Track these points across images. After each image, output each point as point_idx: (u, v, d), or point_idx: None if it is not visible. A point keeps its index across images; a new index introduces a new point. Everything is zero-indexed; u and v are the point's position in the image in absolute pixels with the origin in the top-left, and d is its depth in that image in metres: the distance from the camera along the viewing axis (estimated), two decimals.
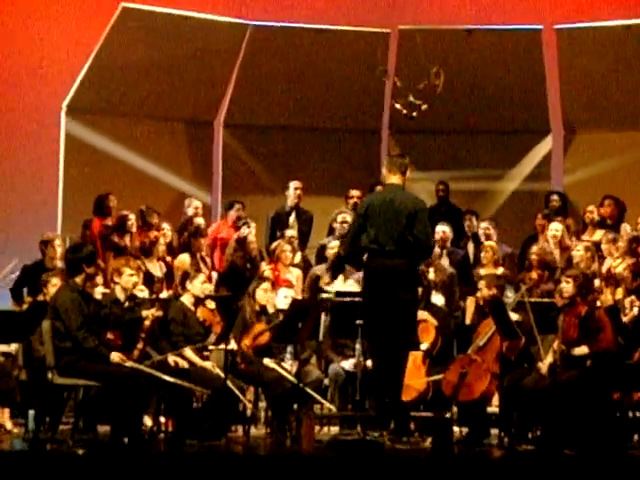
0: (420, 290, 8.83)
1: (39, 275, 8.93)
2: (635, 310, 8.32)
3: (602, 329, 7.89)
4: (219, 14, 12.19)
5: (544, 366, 7.99)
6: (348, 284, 9.31)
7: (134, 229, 10.14)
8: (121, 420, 7.50)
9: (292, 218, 10.98)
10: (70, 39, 11.53)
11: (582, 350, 7.91)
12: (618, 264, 9.33)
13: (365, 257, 7.60)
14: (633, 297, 8.38)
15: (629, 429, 8.00)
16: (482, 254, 9.89)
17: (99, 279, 8.85)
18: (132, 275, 8.22)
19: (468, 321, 9.18)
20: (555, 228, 10.10)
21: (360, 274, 8.08)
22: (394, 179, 7.66)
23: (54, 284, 8.48)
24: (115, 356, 7.66)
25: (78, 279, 7.75)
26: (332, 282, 8.84)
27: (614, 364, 7.70)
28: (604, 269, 9.39)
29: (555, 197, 11.22)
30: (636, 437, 8.04)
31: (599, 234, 10.29)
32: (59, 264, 9.33)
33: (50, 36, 11.49)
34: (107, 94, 11.92)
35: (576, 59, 12.29)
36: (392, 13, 12.36)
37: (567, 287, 8.14)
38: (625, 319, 8.25)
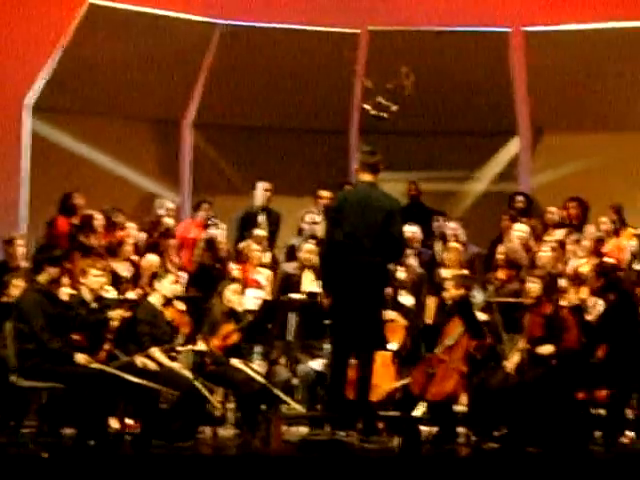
0: (390, 290, 8.87)
1: (2, 276, 8.84)
2: (599, 309, 8.38)
3: (567, 328, 7.97)
4: (187, 12, 12.15)
5: (510, 365, 8.05)
6: (319, 284, 9.27)
7: (101, 229, 10.08)
8: (86, 422, 7.46)
9: (261, 218, 10.96)
10: (32, 35, 11.39)
11: (547, 349, 7.98)
12: (583, 264, 9.41)
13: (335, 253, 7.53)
14: (596, 298, 8.44)
15: (592, 426, 8.06)
16: (445, 255, 9.92)
17: (65, 280, 8.78)
18: (98, 276, 8.18)
19: (429, 320, 9.19)
20: (520, 229, 10.16)
21: None
22: (366, 177, 7.63)
23: (16, 285, 8.39)
24: (81, 357, 7.62)
25: (42, 279, 7.71)
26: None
27: (578, 363, 7.75)
28: (568, 269, 9.46)
29: (520, 198, 11.27)
30: (598, 434, 8.11)
31: (559, 234, 10.37)
32: (22, 264, 9.25)
33: (11, 32, 11.37)
34: (74, 93, 11.83)
35: (543, 61, 12.35)
36: (361, 14, 12.37)
37: (533, 287, 8.21)
38: (589, 318, 8.31)
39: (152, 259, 9.63)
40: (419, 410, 8.34)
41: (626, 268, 9.35)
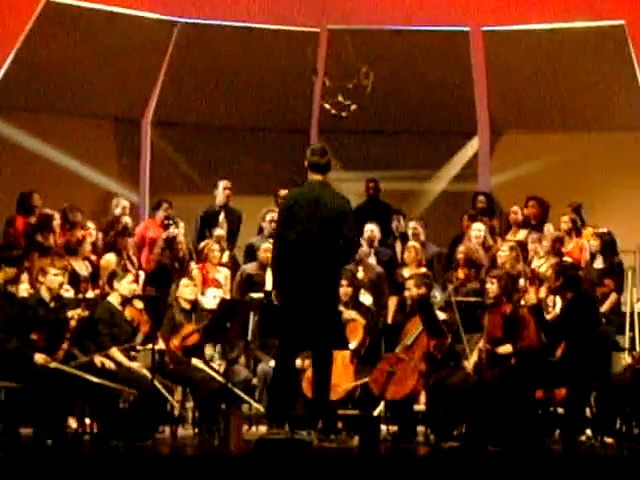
0: (350, 290, 8.88)
1: None
2: (558, 308, 8.43)
3: (525, 328, 8.00)
4: (146, 10, 12.10)
5: (469, 364, 8.09)
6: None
7: (59, 228, 10.01)
8: (45, 422, 7.41)
9: (221, 217, 10.94)
10: None
11: (506, 349, 8.03)
12: (542, 263, 9.47)
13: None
14: (554, 297, 8.48)
15: (551, 425, 8.11)
16: (405, 254, 9.95)
17: (24, 277, 8.71)
18: (57, 275, 8.12)
19: (390, 320, 9.23)
20: (477, 228, 10.21)
21: None
22: (317, 176, 7.57)
23: None
24: (39, 357, 7.60)
25: None
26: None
27: (537, 362, 7.79)
28: (534, 267, 9.52)
29: (481, 198, 11.33)
30: (557, 433, 8.16)
31: (522, 234, 10.45)
32: None
33: None
34: (31, 90, 11.74)
35: (503, 61, 12.43)
36: (321, 13, 12.38)
37: (492, 287, 8.25)
38: (548, 317, 8.35)
39: (110, 258, 9.60)
40: (378, 409, 8.37)
41: (586, 268, 9.41)
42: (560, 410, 8.11)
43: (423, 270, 9.71)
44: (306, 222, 7.35)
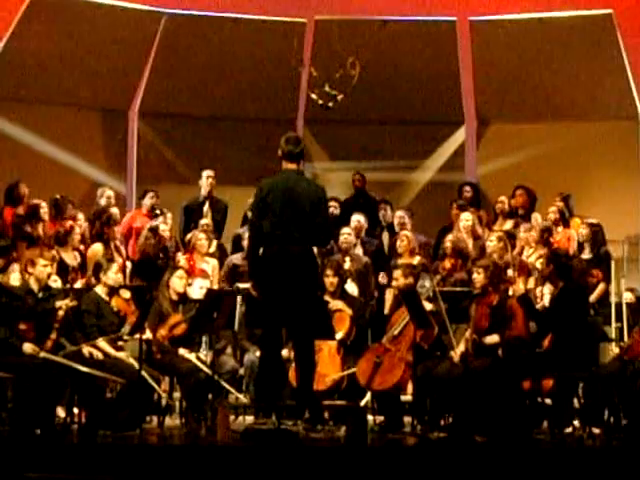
0: (336, 280, 8.89)
1: None
2: (546, 298, 8.46)
3: (513, 318, 8.01)
4: (133, 1, 12.08)
5: (456, 355, 8.10)
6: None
7: (47, 218, 10.00)
8: (33, 412, 7.41)
9: (206, 207, 10.93)
10: None
11: (493, 339, 8.04)
12: (531, 254, 9.50)
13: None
14: (547, 285, 8.49)
15: (539, 416, 8.14)
16: (398, 243, 9.94)
17: (16, 266, 8.69)
18: (46, 266, 8.14)
19: (387, 311, 9.20)
20: (466, 218, 10.23)
21: None
22: (291, 165, 7.54)
23: None
24: (28, 347, 7.62)
25: None
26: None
27: (524, 352, 7.82)
28: (523, 258, 9.54)
29: (467, 188, 11.35)
30: (545, 424, 8.19)
31: (509, 224, 10.48)
32: None
33: None
34: (19, 82, 11.73)
35: (490, 51, 12.44)
36: (308, 3, 12.38)
37: (478, 277, 8.25)
38: (538, 307, 8.38)
39: (96, 249, 9.60)
40: (365, 400, 8.38)
41: (574, 258, 9.43)
42: (548, 401, 8.14)
43: (418, 259, 9.72)
44: (281, 212, 7.32)
